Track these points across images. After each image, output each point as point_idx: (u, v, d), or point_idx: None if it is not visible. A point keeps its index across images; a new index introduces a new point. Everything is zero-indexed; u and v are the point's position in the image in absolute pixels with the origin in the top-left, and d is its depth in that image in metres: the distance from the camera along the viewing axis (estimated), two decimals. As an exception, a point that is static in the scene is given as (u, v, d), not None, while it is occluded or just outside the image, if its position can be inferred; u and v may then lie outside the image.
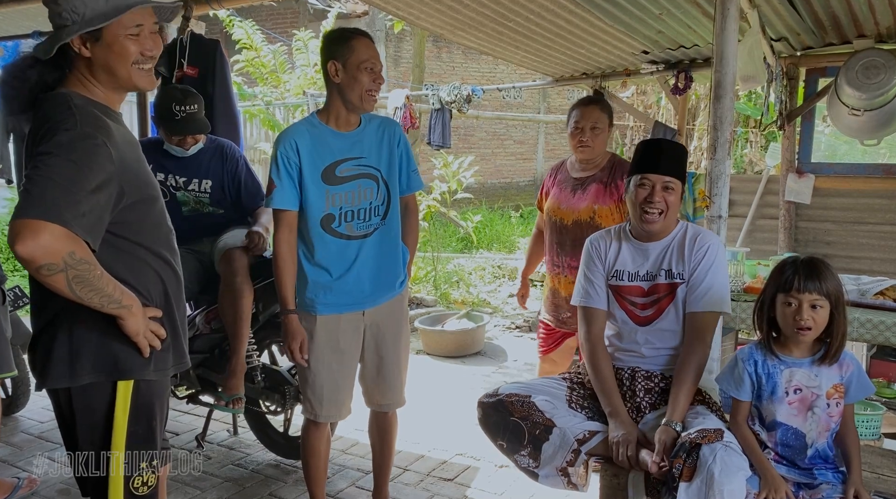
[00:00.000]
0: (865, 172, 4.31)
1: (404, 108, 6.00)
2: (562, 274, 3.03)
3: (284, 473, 3.12)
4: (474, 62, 12.70)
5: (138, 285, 1.64)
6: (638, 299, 2.26)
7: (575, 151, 3.00)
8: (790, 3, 3.40)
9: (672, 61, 4.63)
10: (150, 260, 1.68)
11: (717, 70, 2.47)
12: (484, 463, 3.17)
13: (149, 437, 1.69)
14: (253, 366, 3.06)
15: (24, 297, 3.46)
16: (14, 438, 3.45)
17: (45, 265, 1.41)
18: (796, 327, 1.88)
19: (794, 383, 1.94)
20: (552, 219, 3.06)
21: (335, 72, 2.21)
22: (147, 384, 1.67)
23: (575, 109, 3.02)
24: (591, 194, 2.95)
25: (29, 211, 1.40)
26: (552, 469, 2.15)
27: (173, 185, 3.10)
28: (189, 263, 3.10)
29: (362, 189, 2.30)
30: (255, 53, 7.67)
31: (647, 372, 2.25)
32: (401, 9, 3.98)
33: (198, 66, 3.70)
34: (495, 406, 2.24)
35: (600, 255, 2.33)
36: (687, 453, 1.88)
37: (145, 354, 1.64)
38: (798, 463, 1.96)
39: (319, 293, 2.32)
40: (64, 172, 1.44)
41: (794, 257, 1.95)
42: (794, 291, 1.87)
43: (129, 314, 1.57)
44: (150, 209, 1.68)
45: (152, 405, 1.70)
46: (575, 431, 2.15)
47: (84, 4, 1.53)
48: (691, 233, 2.25)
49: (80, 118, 1.52)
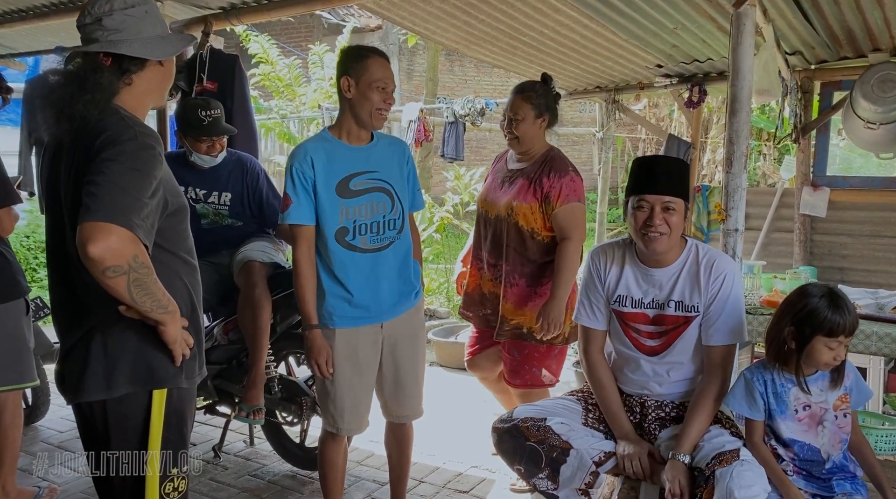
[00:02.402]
0: (882, 186, 4.29)
1: (418, 121, 6.05)
2: (483, 270, 2.95)
3: (301, 484, 3.14)
4: (487, 75, 12.77)
5: (173, 293, 1.67)
6: (643, 327, 2.20)
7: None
8: (805, 18, 3.41)
9: (686, 75, 4.65)
10: (179, 269, 1.72)
11: (732, 84, 2.49)
12: (499, 475, 3.17)
13: (179, 443, 1.73)
14: (270, 377, 3.09)
15: (45, 308, 3.52)
16: (34, 447, 3.49)
17: (111, 267, 1.44)
18: (832, 367, 1.94)
19: (803, 400, 1.96)
20: (479, 209, 2.99)
21: (348, 87, 2.25)
22: (179, 392, 1.72)
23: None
24: (515, 190, 2.81)
25: (98, 214, 1.44)
26: (571, 491, 2.14)
27: (193, 197, 3.15)
28: (207, 274, 3.13)
29: (375, 202, 2.32)
30: (270, 67, 7.75)
31: (657, 402, 2.23)
32: (417, 24, 4.03)
33: (217, 80, 3.76)
34: (510, 431, 2.22)
35: (601, 274, 2.26)
36: (706, 479, 1.89)
37: (178, 362, 1.68)
38: (816, 474, 1.97)
39: (337, 307, 2.33)
40: (128, 178, 1.50)
41: (818, 292, 1.93)
42: (842, 336, 1.88)
43: (172, 320, 1.61)
44: (183, 219, 1.74)
45: (184, 412, 1.74)
46: (592, 452, 2.15)
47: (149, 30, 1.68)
48: (704, 259, 2.14)
49: (138, 129, 1.60)
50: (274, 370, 3.13)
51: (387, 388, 2.48)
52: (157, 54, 1.68)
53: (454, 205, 7.10)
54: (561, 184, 2.72)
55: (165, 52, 1.70)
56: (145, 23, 1.66)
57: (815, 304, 1.89)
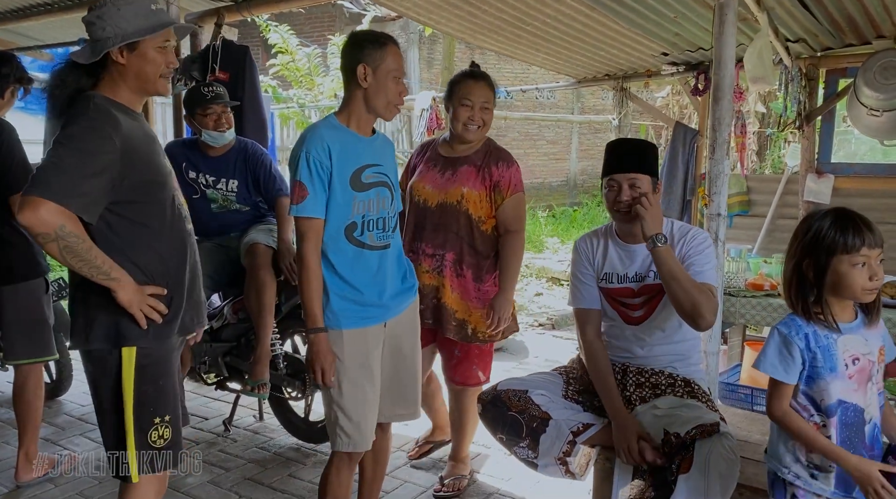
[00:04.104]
0: (886, 173, 4.29)
1: (430, 109, 6.15)
2: (417, 262, 2.75)
3: (304, 456, 3.29)
4: (507, 64, 12.76)
5: (137, 261, 1.88)
6: (629, 300, 2.31)
7: (463, 129, 2.70)
8: (802, 5, 3.43)
9: (692, 62, 4.68)
10: (151, 240, 1.91)
11: (715, 73, 2.56)
12: (494, 451, 3.28)
13: (158, 396, 1.92)
14: (276, 354, 3.24)
15: (66, 288, 3.69)
16: (57, 419, 3.70)
17: (40, 234, 1.71)
18: (871, 289, 1.64)
19: (851, 352, 1.69)
20: (415, 198, 2.82)
21: (364, 76, 2.10)
22: (149, 350, 1.91)
23: (461, 84, 2.73)
24: (462, 177, 2.73)
25: (32, 190, 1.71)
26: (550, 459, 2.24)
27: (204, 183, 3.30)
28: (217, 256, 3.30)
29: (380, 197, 2.21)
30: (290, 57, 7.91)
31: (638, 368, 2.32)
32: (422, 14, 4.12)
33: (228, 71, 3.91)
34: (493, 401, 2.33)
35: (589, 257, 2.37)
36: (685, 447, 1.96)
37: (141, 324, 1.87)
38: (857, 446, 1.71)
39: (345, 308, 2.16)
40: (69, 158, 1.74)
41: (822, 215, 1.72)
42: (865, 249, 1.64)
43: (119, 286, 1.82)
44: (156, 192, 1.91)
45: (158, 367, 1.93)
46: (570, 423, 2.25)
47: (126, 21, 1.83)
48: (677, 231, 2.27)
49: (92, 114, 1.80)
50: (280, 348, 3.29)
51: (383, 386, 2.29)
52: (112, 43, 1.83)
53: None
54: (510, 174, 2.74)
55: (119, 40, 1.83)
56: (119, 17, 1.83)
57: (821, 224, 1.68)
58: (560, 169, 14.44)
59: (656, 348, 2.31)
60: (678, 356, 2.31)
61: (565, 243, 9.59)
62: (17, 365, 2.95)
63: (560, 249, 9.19)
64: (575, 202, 13.69)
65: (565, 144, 14.50)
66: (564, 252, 8.99)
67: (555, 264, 7.84)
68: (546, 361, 4.98)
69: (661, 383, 2.27)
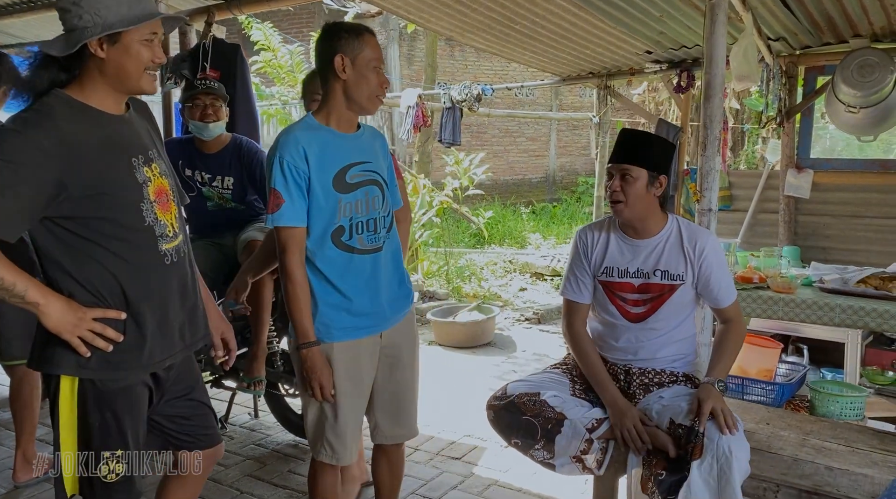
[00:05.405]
0: (862, 168, 4.43)
1: (416, 106, 6.18)
2: None
3: (302, 452, 3.32)
4: (487, 61, 12.86)
5: (84, 282, 1.63)
6: (629, 296, 2.31)
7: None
8: (784, 5, 3.53)
9: (675, 60, 4.78)
10: (102, 258, 1.64)
11: (707, 71, 2.62)
12: (490, 443, 3.35)
13: (105, 429, 1.67)
14: (273, 351, 3.26)
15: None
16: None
17: None
18: None
19: None
20: None
21: (342, 67, 1.99)
22: (95, 381, 1.65)
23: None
24: None
25: None
26: (567, 459, 2.23)
27: (199, 181, 3.31)
28: (212, 254, 3.31)
29: (370, 197, 2.09)
30: (272, 54, 7.89)
31: (641, 369, 2.33)
32: (411, 12, 4.16)
33: (219, 69, 3.90)
34: (507, 407, 2.28)
35: (587, 251, 2.37)
36: (696, 435, 1.98)
37: (81, 352, 1.61)
38: None
39: (334, 318, 2.06)
40: None
41: None
42: None
43: (40, 311, 1.57)
44: (109, 206, 1.62)
45: (107, 399, 1.66)
46: (584, 421, 2.24)
47: (107, 9, 1.58)
48: (686, 233, 2.28)
49: (27, 116, 1.57)
50: (276, 345, 3.31)
51: (382, 406, 2.23)
52: (91, 34, 1.58)
53: (454, 189, 7.27)
54: None
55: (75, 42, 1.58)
56: (100, 4, 1.59)
57: None
58: (539, 165, 14.56)
59: (657, 349, 2.32)
60: (678, 355, 2.33)
61: (547, 239, 9.70)
62: (14, 365, 2.94)
63: (542, 245, 9.29)
64: (554, 198, 13.82)
65: (544, 140, 14.63)
66: (546, 248, 9.10)
67: (538, 260, 7.94)
68: (534, 354, 5.07)
69: (665, 381, 2.31)
